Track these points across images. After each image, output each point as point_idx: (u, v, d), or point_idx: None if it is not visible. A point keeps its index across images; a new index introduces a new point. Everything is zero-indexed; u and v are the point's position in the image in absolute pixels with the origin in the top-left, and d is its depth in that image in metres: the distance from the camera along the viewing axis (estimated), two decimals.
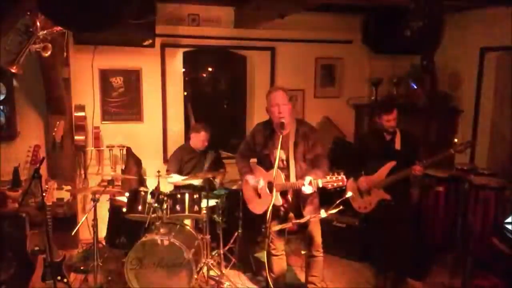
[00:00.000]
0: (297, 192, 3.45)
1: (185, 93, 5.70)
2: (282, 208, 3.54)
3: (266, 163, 3.54)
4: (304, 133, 3.47)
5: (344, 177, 3.17)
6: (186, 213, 3.80)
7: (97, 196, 3.69)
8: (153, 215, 3.72)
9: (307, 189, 3.24)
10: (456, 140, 3.73)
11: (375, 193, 3.94)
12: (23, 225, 3.94)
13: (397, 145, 3.89)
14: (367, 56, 5.82)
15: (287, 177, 3.44)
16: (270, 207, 2.96)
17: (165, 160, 5.24)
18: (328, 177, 3.19)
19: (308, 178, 3.24)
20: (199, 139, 4.62)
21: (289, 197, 3.51)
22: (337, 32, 5.63)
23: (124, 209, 3.91)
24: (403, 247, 3.86)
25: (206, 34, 5.25)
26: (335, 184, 3.17)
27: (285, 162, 3.46)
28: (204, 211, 3.90)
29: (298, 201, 3.51)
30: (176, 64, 5.35)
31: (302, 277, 4.04)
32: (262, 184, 3.52)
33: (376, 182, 3.90)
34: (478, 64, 4.88)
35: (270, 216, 2.98)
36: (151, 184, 4.66)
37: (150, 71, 5.16)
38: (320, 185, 3.22)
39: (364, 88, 5.89)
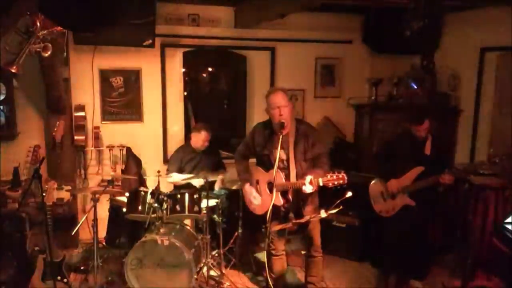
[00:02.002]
0: (297, 192, 3.45)
1: (185, 93, 5.70)
2: (282, 208, 3.54)
3: (266, 163, 3.54)
4: (304, 132, 3.46)
5: (344, 175, 3.17)
6: (186, 213, 3.80)
7: (97, 196, 3.70)
8: (153, 215, 3.72)
9: (308, 188, 3.24)
10: (492, 150, 3.67)
11: (400, 198, 3.83)
12: (23, 225, 3.94)
13: (427, 151, 3.80)
14: (367, 56, 5.81)
15: (287, 177, 3.44)
16: (270, 207, 2.96)
17: (165, 160, 5.24)
18: (328, 176, 3.19)
19: (308, 177, 3.24)
20: (199, 139, 4.62)
21: (289, 197, 3.51)
22: (337, 32, 5.62)
23: (124, 209, 3.91)
24: (412, 251, 3.83)
25: (206, 34, 5.25)
26: (335, 183, 3.17)
27: (285, 162, 3.46)
28: (204, 211, 3.90)
29: (298, 201, 3.51)
30: (176, 64, 5.34)
31: (302, 277, 4.04)
32: (257, 202, 3.54)
33: (402, 186, 3.80)
34: (478, 64, 4.88)
35: (270, 216, 2.98)
36: (151, 184, 4.66)
37: (150, 71, 5.16)
38: (321, 184, 3.22)
39: (364, 88, 5.88)
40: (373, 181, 4.03)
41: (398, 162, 3.88)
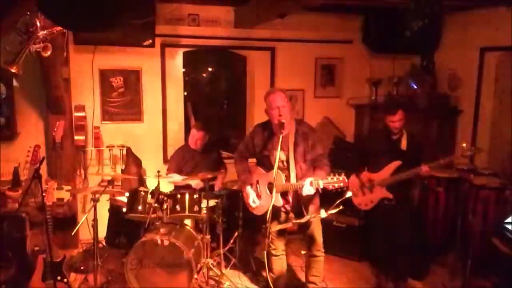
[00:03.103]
0: (298, 193, 3.44)
1: (185, 93, 5.70)
2: (283, 209, 3.54)
3: (266, 164, 3.54)
4: (304, 133, 3.46)
5: (345, 178, 3.17)
6: (186, 213, 3.80)
7: (97, 196, 3.70)
8: (153, 215, 3.72)
9: (308, 190, 3.24)
10: (464, 145, 3.74)
11: (377, 191, 3.96)
12: (23, 225, 3.93)
13: (403, 146, 3.91)
14: (367, 56, 5.81)
15: (288, 178, 3.44)
16: (270, 208, 2.96)
17: (165, 160, 5.24)
18: (329, 178, 3.18)
19: (309, 179, 3.23)
20: (191, 137, 4.66)
21: (289, 198, 3.51)
22: (337, 32, 5.62)
23: (124, 209, 3.91)
24: (403, 247, 3.87)
25: (206, 34, 5.25)
26: (336, 185, 3.17)
27: (285, 163, 3.45)
28: (204, 211, 3.90)
29: (298, 201, 3.51)
30: (176, 64, 5.34)
31: (302, 277, 4.04)
32: (257, 203, 3.53)
33: (379, 180, 3.92)
34: (478, 64, 4.88)
35: (270, 216, 2.98)
36: (151, 184, 4.66)
37: (150, 71, 5.16)
38: (321, 186, 3.21)
39: (364, 88, 5.88)
40: (352, 176, 4.11)
41: (374, 157, 4.01)
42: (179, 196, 3.83)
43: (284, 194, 3.49)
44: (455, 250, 4.23)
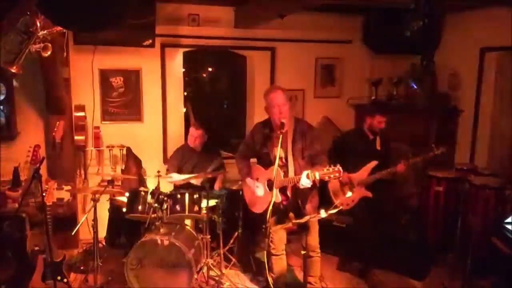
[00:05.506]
0: (297, 190, 3.45)
1: (185, 93, 5.69)
2: (281, 206, 3.54)
3: (265, 161, 3.55)
4: (302, 130, 3.48)
5: (340, 168, 3.16)
6: (186, 213, 3.81)
7: (97, 196, 3.70)
8: (153, 215, 3.72)
9: (305, 182, 3.23)
10: (433, 145, 3.98)
11: (357, 191, 4.06)
12: (23, 225, 3.93)
13: (378, 146, 4.08)
14: (367, 56, 5.81)
15: (286, 174, 3.45)
16: (271, 207, 2.96)
17: (165, 160, 5.24)
18: (325, 169, 3.19)
19: (305, 172, 3.24)
20: (190, 135, 4.67)
21: (288, 193, 3.51)
22: (337, 32, 5.62)
23: (124, 209, 3.91)
24: (391, 244, 3.96)
25: (206, 34, 5.25)
26: (331, 176, 3.16)
27: (283, 160, 3.47)
28: (204, 211, 3.90)
29: (297, 199, 3.51)
30: (176, 64, 5.34)
31: (302, 277, 4.03)
32: (261, 192, 3.53)
33: (359, 179, 4.03)
34: (478, 64, 4.89)
35: (270, 215, 2.98)
36: (151, 184, 4.66)
37: (150, 71, 5.16)
38: (318, 177, 3.20)
39: (364, 88, 5.88)
40: None
41: (351, 157, 4.11)
42: (179, 196, 3.83)
43: (283, 191, 3.50)
44: (455, 250, 4.23)
